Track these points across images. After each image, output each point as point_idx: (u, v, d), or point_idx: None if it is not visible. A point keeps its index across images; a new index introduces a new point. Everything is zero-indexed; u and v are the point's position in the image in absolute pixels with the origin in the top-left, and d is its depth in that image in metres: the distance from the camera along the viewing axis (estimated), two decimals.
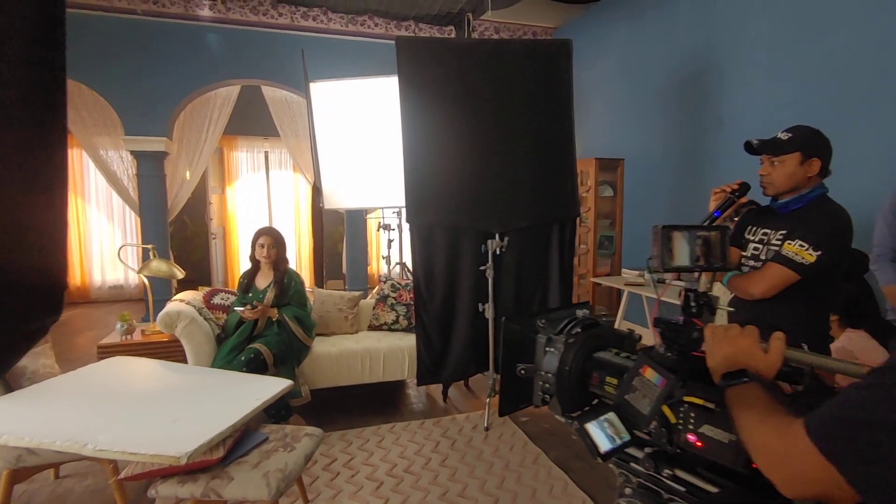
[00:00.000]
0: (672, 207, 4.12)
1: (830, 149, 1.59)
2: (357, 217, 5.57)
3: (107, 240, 6.70)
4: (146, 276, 3.23)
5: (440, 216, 2.85)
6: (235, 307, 2.81)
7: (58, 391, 1.87)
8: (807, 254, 1.50)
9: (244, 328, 2.75)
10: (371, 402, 3.19)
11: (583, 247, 4.68)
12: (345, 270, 5.95)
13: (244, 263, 3.27)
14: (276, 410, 2.64)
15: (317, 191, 4.44)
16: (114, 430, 1.51)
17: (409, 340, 3.08)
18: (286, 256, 2.98)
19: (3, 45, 0.44)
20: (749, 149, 1.62)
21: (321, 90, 4.14)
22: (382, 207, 4.72)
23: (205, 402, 1.82)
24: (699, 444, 0.84)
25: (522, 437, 2.69)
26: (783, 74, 3.13)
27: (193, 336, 2.69)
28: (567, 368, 1.02)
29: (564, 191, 3.02)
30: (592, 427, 0.88)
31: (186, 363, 2.71)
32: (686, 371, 0.87)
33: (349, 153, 4.17)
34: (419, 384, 3.06)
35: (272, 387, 1.89)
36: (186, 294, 3.01)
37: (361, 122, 4.11)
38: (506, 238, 2.86)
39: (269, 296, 2.84)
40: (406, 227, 3.80)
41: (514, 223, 2.91)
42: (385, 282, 3.50)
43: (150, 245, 3.40)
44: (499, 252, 2.86)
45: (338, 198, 4.31)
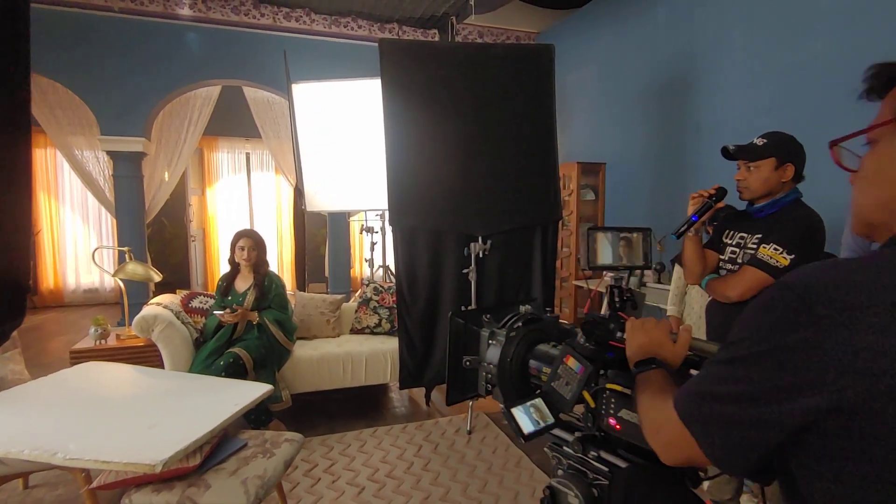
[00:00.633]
0: (652, 211, 4.18)
1: (804, 154, 1.63)
2: (340, 220, 5.53)
3: (81, 242, 6.54)
4: (122, 280, 3.16)
5: (423, 219, 2.84)
6: (214, 311, 2.76)
7: (27, 398, 1.81)
8: (781, 257, 1.53)
9: (223, 332, 2.71)
10: (353, 407, 3.16)
11: (565, 250, 4.72)
12: (327, 273, 5.90)
13: (224, 266, 3.22)
14: (256, 416, 2.60)
15: (299, 193, 4.40)
16: (86, 438, 1.47)
17: (392, 344, 3.06)
18: (266, 259, 2.94)
19: None
20: (726, 154, 1.66)
21: (303, 92, 4.11)
22: (365, 210, 4.70)
23: (182, 408, 1.78)
24: (618, 427, 0.92)
25: (505, 441, 2.69)
26: (760, 81, 3.20)
27: (171, 340, 2.64)
28: (508, 360, 1.10)
29: (547, 194, 3.04)
30: (518, 411, 0.96)
31: (163, 368, 2.65)
32: (603, 359, 0.97)
33: (332, 155, 4.14)
34: (402, 388, 3.04)
35: (251, 392, 1.86)
36: (164, 297, 2.95)
37: (344, 125, 4.08)
38: (489, 241, 2.87)
39: (250, 299, 2.79)
40: (389, 230, 3.78)
41: (497, 226, 2.92)
42: (368, 285, 3.48)
43: (126, 247, 3.32)
44: (482, 255, 2.86)
45: (320, 200, 4.27)
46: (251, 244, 2.84)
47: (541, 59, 2.98)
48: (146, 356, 2.93)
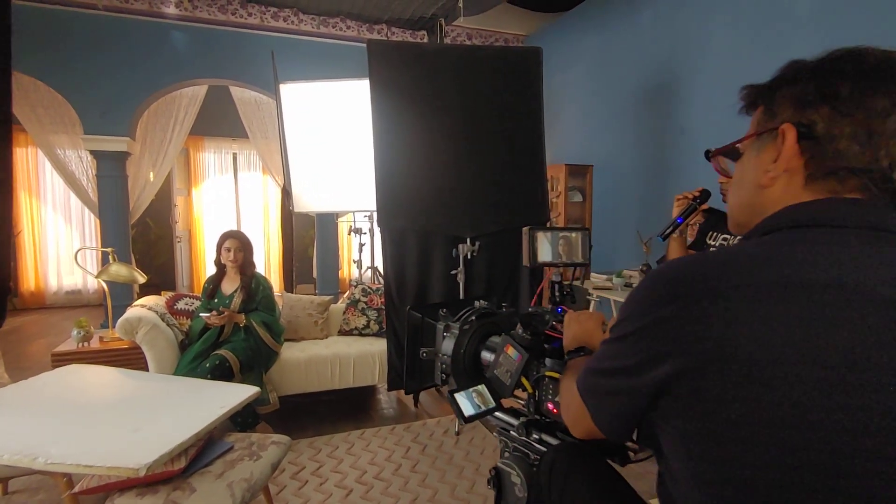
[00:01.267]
0: (639, 212, 4.22)
1: None
2: (328, 221, 5.50)
3: (64, 242, 6.43)
4: (105, 281, 3.11)
5: (411, 220, 2.84)
6: (201, 313, 2.73)
7: (7, 402, 1.78)
8: None
9: (209, 334, 2.68)
10: (341, 409, 3.15)
11: None
12: (315, 275, 5.87)
13: (210, 268, 3.19)
14: (243, 418, 2.57)
15: (286, 194, 4.37)
16: (68, 442, 1.44)
17: (380, 345, 3.05)
18: (253, 260, 2.92)
19: None
20: (709, 157, 1.68)
21: (291, 92, 4.09)
22: (353, 211, 4.68)
23: (167, 411, 1.76)
24: (555, 411, 1.00)
25: (493, 442, 2.70)
26: (742, 84, 3.26)
27: (155, 343, 2.60)
28: (462, 351, 1.18)
29: (535, 196, 3.06)
30: (460, 396, 1.05)
31: (148, 371, 2.62)
32: (541, 349, 1.05)
33: (320, 156, 4.12)
34: (389, 389, 3.04)
35: (238, 394, 1.85)
36: (148, 299, 2.91)
37: (332, 125, 4.07)
38: (477, 242, 2.88)
39: (237, 301, 2.77)
40: (377, 231, 3.77)
41: (486, 227, 2.93)
42: (356, 286, 3.47)
43: (110, 248, 3.27)
44: (470, 256, 2.87)
45: (308, 201, 4.25)
46: (237, 245, 2.81)
47: (529, 62, 3.00)
48: (130, 359, 2.89)
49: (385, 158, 2.79)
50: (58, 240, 6.41)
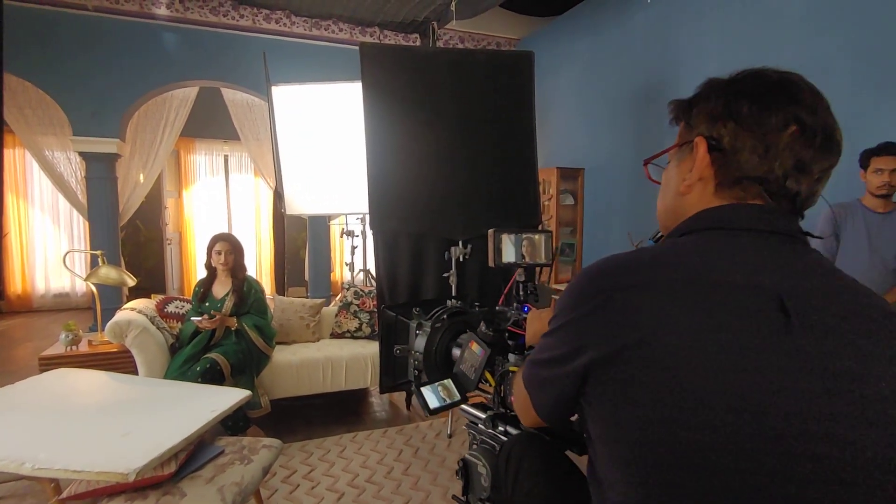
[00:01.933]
0: (630, 215, 4.26)
1: None
2: (320, 223, 5.49)
3: (52, 245, 6.36)
4: (94, 284, 3.08)
5: (404, 223, 2.84)
6: (192, 317, 2.71)
7: None
8: None
9: (200, 338, 2.66)
10: (333, 412, 3.14)
11: None
12: (307, 277, 5.85)
13: (201, 270, 3.17)
14: (234, 422, 2.56)
15: (278, 196, 4.36)
16: (56, 447, 1.43)
17: (372, 348, 3.05)
18: (244, 263, 2.90)
19: None
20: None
21: (283, 94, 4.08)
22: (346, 214, 4.67)
23: (157, 415, 1.74)
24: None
25: None
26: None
27: (145, 346, 2.58)
28: (434, 348, 1.23)
29: (527, 199, 3.07)
30: (426, 390, 1.11)
31: (137, 375, 2.59)
32: (505, 345, 1.11)
33: (312, 158, 4.11)
34: (382, 392, 3.03)
35: (229, 397, 1.83)
36: (138, 302, 2.88)
37: (325, 128, 4.06)
38: (469, 245, 2.89)
39: (228, 305, 2.75)
40: (369, 234, 3.77)
41: (478, 230, 2.93)
42: (348, 289, 3.46)
43: (99, 251, 3.24)
44: (462, 259, 2.87)
45: (300, 203, 4.23)
46: (228, 248, 2.80)
47: (521, 66, 3.01)
48: (119, 363, 2.86)
49: (377, 161, 2.79)
50: (45, 242, 6.34)
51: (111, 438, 1.51)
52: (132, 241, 6.57)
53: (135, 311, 2.69)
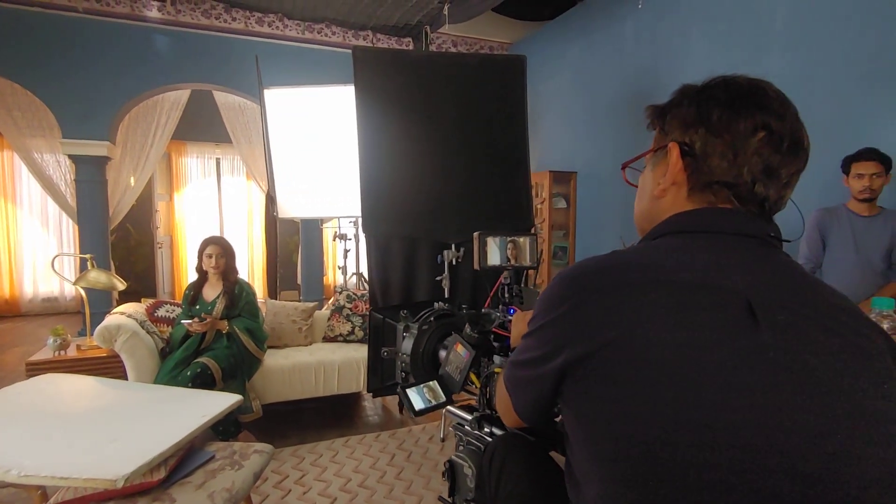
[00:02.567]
0: (622, 219, 4.28)
1: None
2: (312, 227, 5.47)
3: (40, 249, 6.28)
4: (83, 288, 3.05)
5: (396, 226, 2.84)
6: (182, 321, 2.69)
7: None
8: None
9: (191, 342, 2.64)
10: (325, 416, 3.12)
11: None
12: (300, 281, 5.82)
13: (192, 274, 3.15)
14: (225, 427, 2.54)
15: (271, 199, 4.34)
16: (42, 454, 1.41)
17: (365, 352, 3.03)
18: (235, 266, 2.89)
19: None
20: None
21: (276, 97, 4.07)
22: (338, 217, 4.66)
23: (146, 421, 1.72)
24: None
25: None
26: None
27: (135, 351, 2.56)
28: (421, 350, 1.24)
29: (519, 202, 3.08)
30: (411, 391, 1.11)
31: (127, 380, 2.57)
32: (489, 346, 1.11)
33: (305, 162, 4.10)
34: (374, 396, 3.02)
35: (219, 402, 1.82)
36: (128, 306, 2.86)
37: (317, 131, 4.06)
38: (462, 249, 2.89)
39: (219, 308, 2.73)
40: (362, 237, 3.76)
41: (470, 233, 2.93)
42: (341, 292, 3.45)
43: (89, 255, 3.21)
44: (455, 262, 2.88)
45: (292, 207, 4.22)
46: (219, 251, 2.78)
47: (513, 70, 3.03)
48: (109, 367, 2.83)
49: (370, 164, 2.78)
50: (34, 246, 6.27)
51: (99, 444, 1.49)
52: (122, 245, 6.51)
53: (124, 316, 2.66)
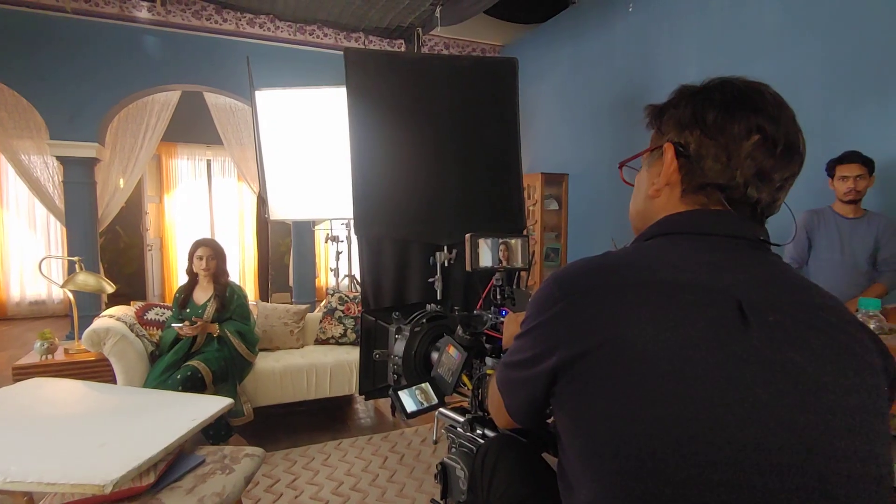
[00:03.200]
0: (614, 220, 4.30)
1: None
2: (304, 228, 5.44)
3: (28, 251, 6.21)
4: (71, 291, 3.02)
5: (388, 228, 2.84)
6: (172, 324, 2.67)
7: None
8: None
9: (181, 345, 2.62)
10: (317, 419, 3.11)
11: None
12: (291, 283, 5.79)
13: (183, 277, 3.13)
14: (216, 431, 2.52)
15: (262, 201, 4.32)
16: (29, 459, 1.39)
17: (357, 354, 3.01)
18: (226, 269, 2.87)
19: None
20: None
21: (267, 99, 4.05)
22: (330, 219, 4.65)
23: (135, 425, 1.70)
24: None
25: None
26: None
27: (124, 354, 2.53)
28: (413, 352, 1.24)
29: (511, 204, 3.09)
30: (403, 394, 1.11)
31: (116, 384, 2.54)
32: (481, 348, 1.10)
33: (296, 163, 4.09)
34: (367, 399, 3.01)
35: (210, 406, 1.80)
36: (117, 309, 2.83)
37: (309, 133, 4.04)
38: (454, 250, 2.89)
39: (210, 311, 2.71)
40: (354, 239, 3.75)
41: (462, 235, 2.93)
42: (333, 294, 3.43)
43: (77, 257, 3.17)
44: (447, 264, 2.88)
45: (284, 209, 4.20)
46: (210, 253, 2.76)
47: (505, 72, 3.04)
48: (97, 371, 2.80)
49: (362, 166, 2.78)
50: (21, 248, 6.19)
51: (87, 449, 1.47)
52: (112, 247, 6.45)
53: (113, 319, 2.63)
